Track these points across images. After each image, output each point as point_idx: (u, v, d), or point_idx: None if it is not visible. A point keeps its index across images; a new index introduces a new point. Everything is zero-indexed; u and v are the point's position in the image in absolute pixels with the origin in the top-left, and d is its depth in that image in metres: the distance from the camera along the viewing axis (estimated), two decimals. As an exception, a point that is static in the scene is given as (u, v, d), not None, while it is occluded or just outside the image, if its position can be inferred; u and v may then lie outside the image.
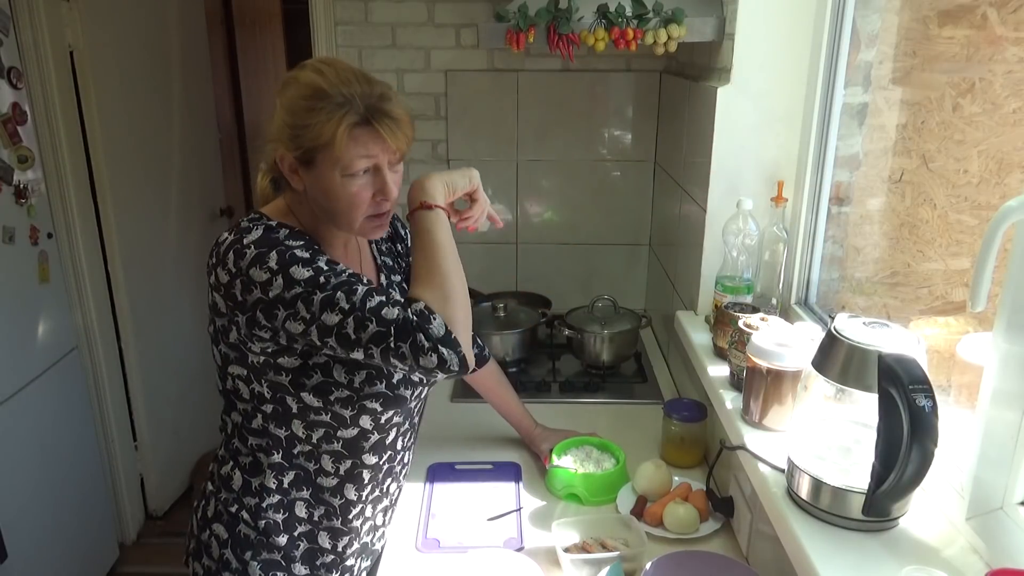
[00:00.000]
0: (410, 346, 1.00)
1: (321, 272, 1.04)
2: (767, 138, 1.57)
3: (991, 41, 1.04)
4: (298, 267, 1.04)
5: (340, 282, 1.04)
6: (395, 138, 1.06)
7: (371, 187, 1.09)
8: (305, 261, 1.05)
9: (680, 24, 1.60)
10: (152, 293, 2.83)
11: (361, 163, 1.06)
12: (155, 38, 2.81)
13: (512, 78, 2.38)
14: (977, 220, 1.07)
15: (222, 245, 1.08)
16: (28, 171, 2.22)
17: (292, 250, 1.06)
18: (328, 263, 1.07)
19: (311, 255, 1.07)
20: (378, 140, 1.06)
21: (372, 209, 1.11)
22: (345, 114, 1.03)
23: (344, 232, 1.17)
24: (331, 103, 1.03)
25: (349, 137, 1.04)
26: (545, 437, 1.61)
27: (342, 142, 1.03)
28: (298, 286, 1.03)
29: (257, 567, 1.20)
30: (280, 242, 1.07)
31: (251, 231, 1.09)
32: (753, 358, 1.22)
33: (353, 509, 1.25)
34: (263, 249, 1.05)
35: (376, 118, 1.05)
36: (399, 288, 1.34)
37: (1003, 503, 0.92)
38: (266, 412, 1.16)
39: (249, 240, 1.06)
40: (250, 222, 1.12)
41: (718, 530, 1.37)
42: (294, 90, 1.07)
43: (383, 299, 1.03)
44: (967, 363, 1.07)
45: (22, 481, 2.21)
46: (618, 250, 2.55)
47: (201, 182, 3.19)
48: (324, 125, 1.03)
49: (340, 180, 1.07)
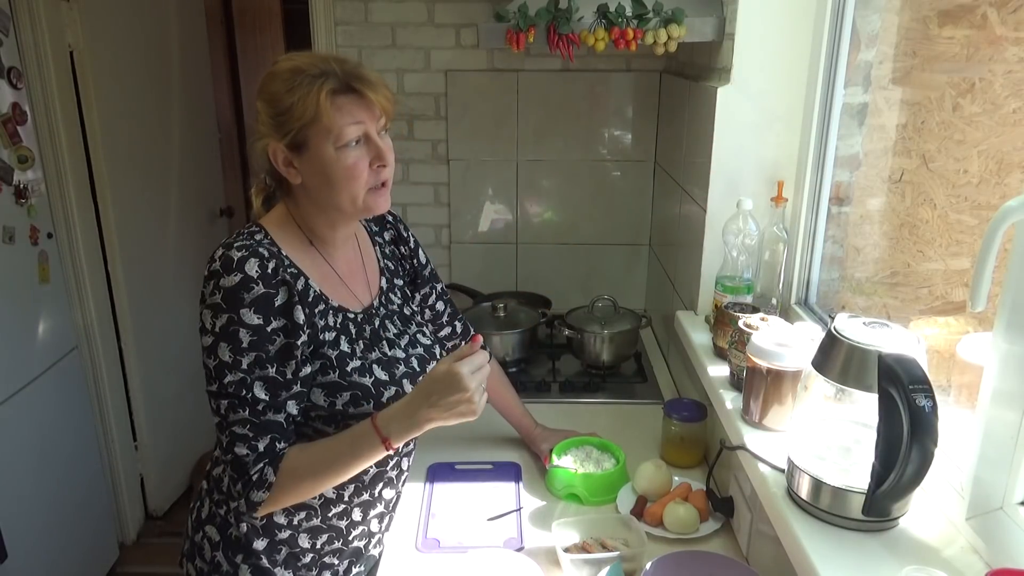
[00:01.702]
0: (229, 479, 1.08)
1: (236, 369, 1.05)
2: (767, 138, 1.57)
3: (991, 41, 1.04)
4: (225, 346, 1.05)
5: (234, 397, 1.06)
6: (377, 96, 1.08)
7: (366, 156, 1.09)
8: (236, 347, 1.05)
9: (680, 24, 1.60)
10: (152, 293, 2.83)
11: (351, 130, 1.07)
12: (155, 38, 2.81)
13: (512, 78, 2.38)
14: (977, 220, 1.07)
15: (213, 263, 1.07)
16: (28, 171, 2.22)
17: (239, 327, 1.05)
18: (254, 361, 1.06)
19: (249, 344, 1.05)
20: (362, 105, 1.07)
21: (372, 180, 1.11)
22: (323, 83, 1.05)
23: (350, 215, 1.15)
24: (307, 76, 1.05)
25: (333, 105, 1.06)
26: (545, 437, 1.61)
27: (327, 110, 1.05)
28: (212, 360, 1.06)
29: (247, 570, 1.20)
30: (239, 308, 1.05)
31: (231, 270, 1.05)
32: (753, 358, 1.22)
33: (333, 507, 1.22)
34: (222, 305, 1.05)
35: (355, 82, 1.07)
36: (401, 292, 1.33)
37: (1003, 503, 0.92)
38: None
39: (223, 284, 1.05)
40: (239, 246, 1.07)
41: (718, 530, 1.37)
42: (270, 81, 1.09)
43: (249, 434, 1.06)
44: (967, 363, 1.07)
45: (22, 481, 2.21)
46: (618, 250, 2.55)
47: (201, 182, 3.19)
48: (306, 99, 1.05)
49: (335, 155, 1.07)
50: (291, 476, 1.08)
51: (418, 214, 2.51)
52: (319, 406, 1.13)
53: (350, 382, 1.13)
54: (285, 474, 1.07)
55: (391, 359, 1.21)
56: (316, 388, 1.12)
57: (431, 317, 1.45)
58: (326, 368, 1.13)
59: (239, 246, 1.08)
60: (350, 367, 1.14)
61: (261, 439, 1.06)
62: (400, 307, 1.31)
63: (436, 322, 1.47)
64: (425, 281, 1.42)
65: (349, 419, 1.14)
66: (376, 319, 1.23)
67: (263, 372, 1.06)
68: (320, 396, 1.13)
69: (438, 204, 2.51)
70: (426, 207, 2.51)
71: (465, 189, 2.49)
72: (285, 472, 1.07)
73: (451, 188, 2.49)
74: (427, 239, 2.52)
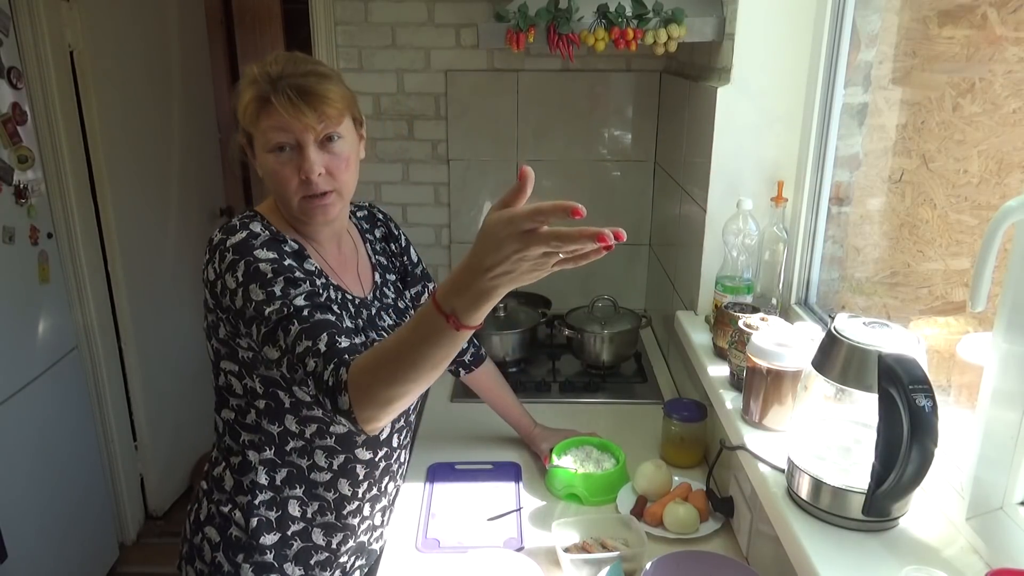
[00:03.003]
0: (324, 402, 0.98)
1: (272, 299, 1.03)
2: (767, 138, 1.57)
3: (991, 41, 1.03)
4: (256, 286, 1.05)
5: (282, 316, 1.02)
6: (296, 113, 1.05)
7: (292, 164, 1.10)
8: (263, 281, 1.04)
9: (680, 24, 1.60)
10: (152, 293, 2.83)
11: (275, 136, 1.08)
12: (155, 38, 2.81)
13: (512, 78, 2.38)
14: (977, 220, 1.07)
15: (212, 243, 1.10)
16: (28, 171, 2.22)
17: (258, 263, 1.06)
18: (284, 287, 1.04)
19: (273, 272, 1.05)
20: (295, 114, 1.06)
21: (303, 189, 1.11)
22: (255, 88, 1.08)
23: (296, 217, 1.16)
24: (246, 79, 1.09)
25: (256, 111, 1.08)
26: (545, 437, 1.61)
27: (246, 116, 1.09)
28: (250, 308, 1.04)
29: (249, 569, 1.20)
30: (252, 251, 1.07)
31: (235, 232, 1.10)
32: (753, 358, 1.22)
33: (348, 505, 1.25)
34: (236, 256, 1.07)
35: (278, 93, 1.05)
36: (394, 287, 1.34)
37: (1003, 503, 0.92)
38: (259, 408, 1.17)
39: (230, 243, 1.08)
40: (240, 220, 1.13)
41: (718, 530, 1.37)
42: None
43: (309, 344, 0.99)
44: (967, 363, 1.07)
45: (22, 481, 2.21)
46: (618, 250, 2.50)
47: (201, 182, 3.19)
48: (238, 101, 1.10)
49: (265, 157, 1.10)
50: (363, 368, 0.94)
51: (418, 214, 2.51)
52: None
53: None
54: (357, 371, 0.94)
55: None
56: None
57: None
58: None
59: (239, 220, 1.13)
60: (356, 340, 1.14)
61: (319, 341, 1.00)
62: (395, 301, 1.33)
63: None
64: (416, 280, 1.43)
65: None
66: (373, 308, 1.25)
67: (297, 290, 1.06)
68: None
69: (438, 204, 2.51)
70: (426, 207, 2.51)
71: (465, 189, 2.49)
72: (357, 367, 0.95)
73: (451, 188, 2.49)
74: (427, 239, 2.52)
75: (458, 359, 1.58)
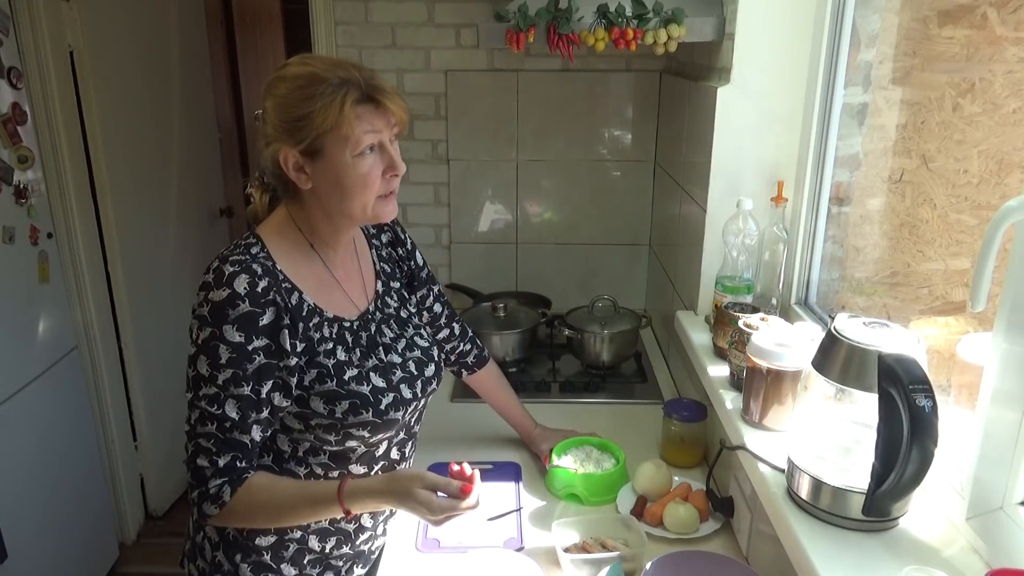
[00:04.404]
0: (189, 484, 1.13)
1: (213, 381, 1.07)
2: (767, 138, 1.57)
3: (991, 41, 1.03)
4: (203, 360, 1.06)
5: (205, 411, 1.08)
6: (397, 107, 1.09)
7: (380, 164, 1.10)
8: (213, 362, 1.06)
9: (680, 24, 1.60)
10: (152, 293, 2.83)
11: (368, 139, 1.07)
12: (155, 38, 2.81)
13: (512, 78, 2.38)
14: (977, 220, 1.07)
15: (208, 274, 1.07)
16: (28, 171, 2.22)
17: (220, 342, 1.05)
18: (231, 378, 1.06)
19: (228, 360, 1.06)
20: (380, 115, 1.08)
21: (383, 188, 1.11)
22: (346, 93, 1.04)
23: (357, 222, 1.16)
24: (330, 86, 1.04)
25: (355, 115, 1.05)
26: (545, 437, 1.61)
27: (349, 120, 1.05)
28: (192, 369, 1.09)
29: (247, 568, 1.21)
30: (223, 322, 1.05)
31: (223, 284, 1.05)
32: (753, 358, 1.22)
33: None
34: (207, 318, 1.06)
35: (376, 93, 1.07)
36: (398, 295, 1.33)
37: (1003, 503, 0.92)
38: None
39: (212, 297, 1.05)
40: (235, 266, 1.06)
41: (718, 530, 1.37)
42: (284, 86, 1.07)
43: (212, 448, 1.08)
44: (967, 363, 1.07)
45: (22, 481, 2.21)
46: (618, 250, 2.55)
47: (201, 182, 3.19)
48: (328, 108, 1.04)
49: (351, 162, 1.07)
50: (247, 505, 1.10)
51: (418, 214, 2.51)
52: (319, 414, 1.13)
53: (348, 391, 1.13)
54: (241, 500, 1.09)
55: (388, 365, 1.22)
56: (315, 396, 1.12)
57: (429, 319, 1.45)
58: (323, 377, 1.12)
59: (233, 260, 1.07)
60: (347, 375, 1.14)
61: (223, 456, 1.08)
62: (397, 310, 1.31)
63: (434, 324, 1.48)
64: (422, 283, 1.42)
65: (349, 428, 1.14)
66: (372, 324, 1.24)
67: (238, 390, 1.07)
68: (320, 404, 1.12)
69: (438, 204, 2.51)
70: (426, 207, 2.51)
71: (465, 189, 2.49)
72: (242, 498, 1.09)
73: (451, 188, 2.49)
74: (427, 239, 2.52)
75: (461, 360, 1.58)
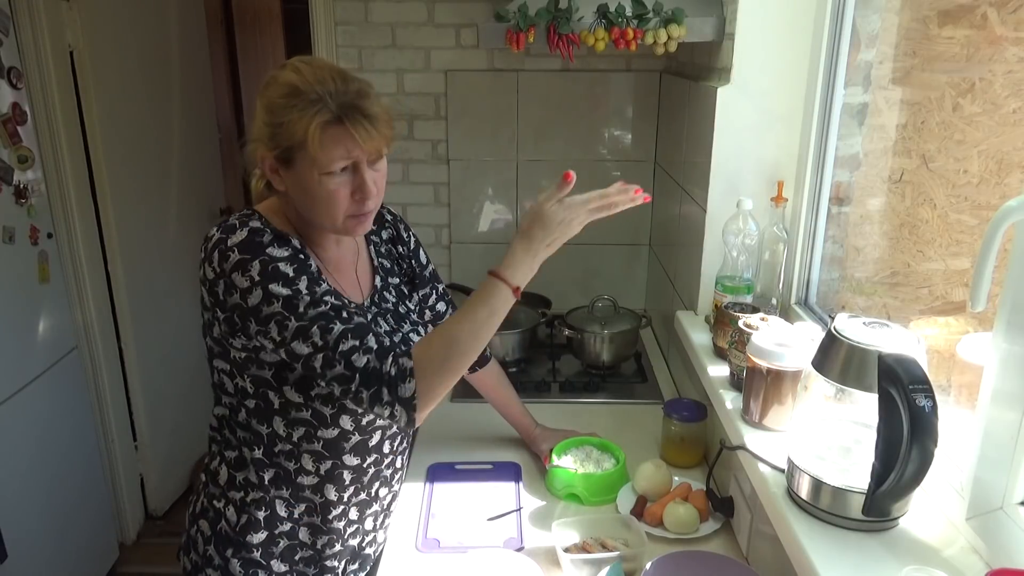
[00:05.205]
0: (371, 395, 1.05)
1: (299, 296, 1.04)
2: (767, 138, 1.57)
3: (991, 41, 1.03)
4: (277, 284, 1.04)
5: (318, 314, 1.04)
6: (369, 138, 1.04)
7: (349, 185, 1.08)
8: (286, 279, 1.05)
9: (680, 24, 1.60)
10: (152, 293, 2.83)
11: (338, 162, 1.05)
12: (155, 38, 2.81)
13: (512, 78, 2.38)
14: (977, 220, 1.07)
15: (209, 241, 1.09)
16: (28, 171, 2.22)
17: (276, 263, 1.05)
18: (309, 285, 1.06)
19: (294, 272, 1.06)
20: (366, 139, 1.05)
21: (353, 208, 1.10)
22: (317, 112, 1.02)
23: (330, 231, 1.16)
24: (304, 100, 1.03)
25: (323, 135, 1.02)
26: (545, 437, 1.61)
27: (315, 140, 1.02)
28: (274, 304, 1.04)
29: (237, 564, 1.21)
30: (263, 249, 1.06)
31: (236, 231, 1.08)
32: (753, 358, 1.22)
33: (334, 509, 1.24)
34: (246, 256, 1.05)
35: (349, 116, 1.03)
36: (396, 291, 1.33)
37: (1003, 503, 0.92)
38: (249, 407, 1.17)
39: (233, 242, 1.06)
40: (239, 219, 1.11)
41: (718, 530, 1.37)
42: (273, 89, 1.07)
43: (356, 343, 1.04)
44: (967, 363, 1.07)
45: (22, 481, 2.21)
46: (618, 250, 2.55)
47: (201, 182, 3.19)
48: (297, 123, 1.02)
49: (318, 179, 1.06)
50: (427, 357, 1.05)
51: (418, 214, 2.51)
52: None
53: None
54: (421, 356, 1.05)
55: None
56: None
57: (432, 318, 1.45)
58: None
59: (236, 217, 1.11)
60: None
61: (367, 340, 1.05)
62: (395, 305, 1.31)
63: (437, 323, 1.47)
64: (425, 282, 1.42)
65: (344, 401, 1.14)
66: (368, 315, 1.24)
67: (321, 287, 1.07)
68: None
69: (438, 204, 2.51)
70: (426, 207, 2.51)
71: (465, 189, 2.49)
72: (420, 354, 1.05)
73: (451, 188, 2.49)
74: (427, 239, 2.52)
75: None
